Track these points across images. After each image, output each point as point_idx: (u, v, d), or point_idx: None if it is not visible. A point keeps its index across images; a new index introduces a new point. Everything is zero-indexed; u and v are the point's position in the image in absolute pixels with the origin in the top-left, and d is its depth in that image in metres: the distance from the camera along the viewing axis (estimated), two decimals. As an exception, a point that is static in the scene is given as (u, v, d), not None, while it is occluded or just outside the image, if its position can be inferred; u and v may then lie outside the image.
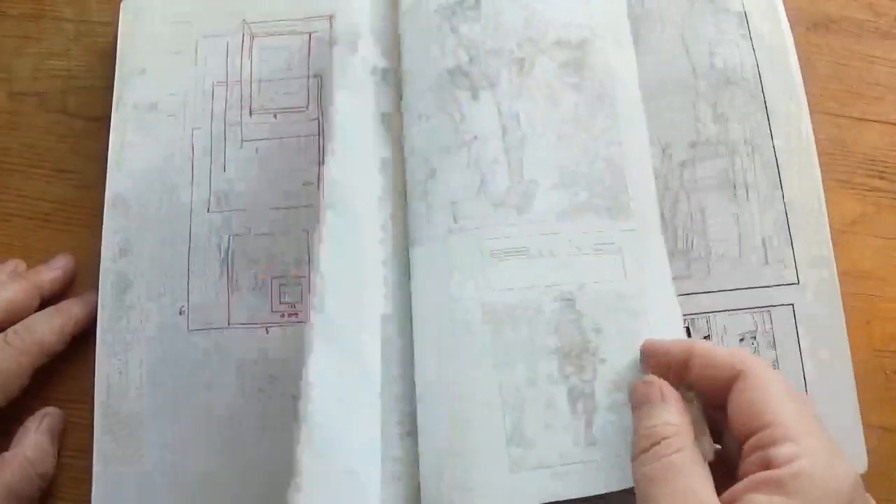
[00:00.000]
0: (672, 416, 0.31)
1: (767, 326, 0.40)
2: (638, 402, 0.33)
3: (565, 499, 0.33)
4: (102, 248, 0.42)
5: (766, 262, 0.41)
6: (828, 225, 0.41)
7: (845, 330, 0.40)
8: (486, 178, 0.37)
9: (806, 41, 0.42)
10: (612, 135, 0.38)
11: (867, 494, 0.30)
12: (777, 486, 0.28)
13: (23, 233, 0.44)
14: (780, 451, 0.28)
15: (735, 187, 0.42)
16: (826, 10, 0.47)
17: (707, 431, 0.32)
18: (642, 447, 0.31)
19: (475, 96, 0.38)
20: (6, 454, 0.38)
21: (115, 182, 0.43)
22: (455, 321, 0.35)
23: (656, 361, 0.34)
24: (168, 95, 0.44)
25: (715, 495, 0.29)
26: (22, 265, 0.43)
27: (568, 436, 0.34)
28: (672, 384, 0.32)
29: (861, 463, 0.39)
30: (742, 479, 0.29)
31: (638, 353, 0.35)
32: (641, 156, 0.38)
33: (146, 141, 0.43)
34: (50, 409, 0.40)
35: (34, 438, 0.39)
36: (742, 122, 0.43)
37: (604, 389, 0.34)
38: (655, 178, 0.39)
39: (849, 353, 0.40)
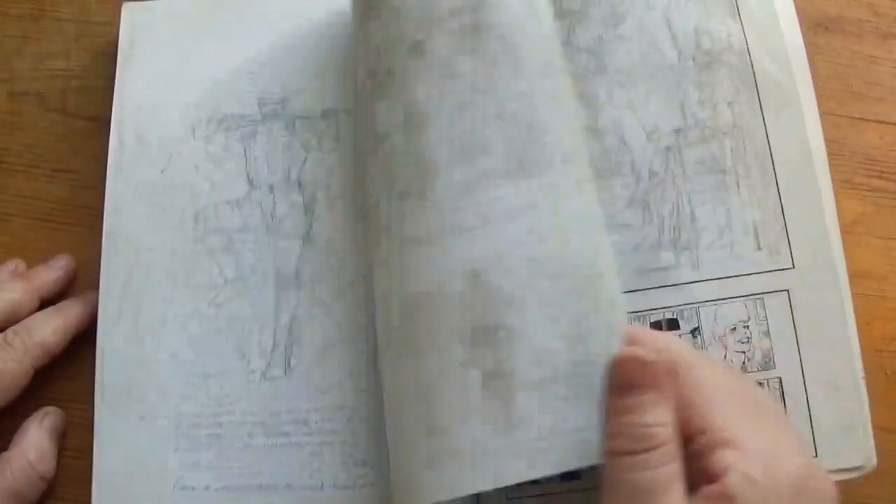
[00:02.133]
0: (668, 415, 0.28)
1: (761, 315, 0.39)
2: (623, 385, 0.28)
3: (482, 491, 0.30)
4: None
5: (759, 248, 0.39)
6: (825, 209, 0.40)
7: (850, 315, 0.39)
8: (395, 173, 0.36)
9: (806, 41, 0.42)
10: (519, 88, 0.35)
11: (822, 474, 0.29)
12: (728, 501, 0.26)
13: (23, 233, 0.44)
14: (717, 461, 0.27)
15: (725, 172, 0.40)
16: (826, 10, 0.47)
17: None
18: (631, 448, 0.27)
19: (380, 95, 0.37)
20: (6, 454, 0.38)
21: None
22: (376, 315, 0.36)
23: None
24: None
25: None
26: (22, 265, 0.43)
27: (484, 421, 0.30)
28: None
29: (869, 460, 0.38)
30: (693, 491, 0.27)
31: (567, 323, 0.31)
32: (560, 105, 0.35)
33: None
34: (50, 409, 0.40)
35: (34, 438, 0.39)
36: (731, 105, 0.41)
37: (523, 367, 0.31)
38: (641, 165, 0.39)
39: (856, 340, 0.38)
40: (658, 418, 0.27)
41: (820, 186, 0.40)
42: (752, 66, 0.41)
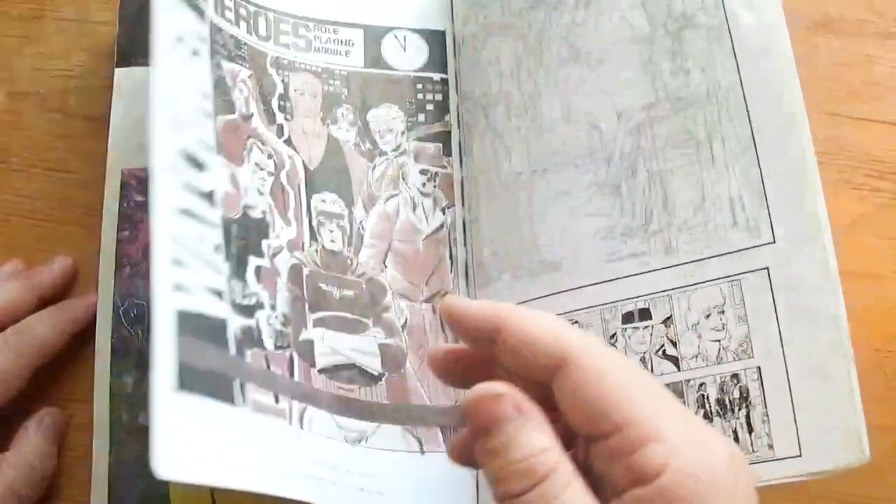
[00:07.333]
0: (545, 437, 0.24)
1: (738, 297, 0.35)
2: (485, 424, 0.24)
3: None
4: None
5: (735, 224, 0.36)
6: (809, 172, 0.35)
7: (838, 291, 0.34)
8: None
9: (806, 41, 0.42)
10: None
11: (737, 449, 0.26)
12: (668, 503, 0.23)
13: (23, 233, 0.44)
14: (647, 459, 0.23)
15: (698, 145, 0.37)
16: (826, 10, 0.47)
17: None
18: (519, 489, 0.24)
19: None
20: (6, 454, 0.38)
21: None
22: None
23: (461, 327, 0.27)
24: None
25: None
26: (22, 265, 0.43)
27: None
28: (477, 361, 0.27)
29: (861, 455, 0.33)
30: (614, 497, 0.24)
31: None
32: None
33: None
34: (50, 409, 0.40)
35: (35, 439, 0.39)
36: (705, 71, 0.38)
37: None
38: (612, 149, 0.39)
39: (845, 321, 0.34)
40: (537, 444, 0.24)
41: (804, 147, 0.36)
42: (727, 20, 0.38)
